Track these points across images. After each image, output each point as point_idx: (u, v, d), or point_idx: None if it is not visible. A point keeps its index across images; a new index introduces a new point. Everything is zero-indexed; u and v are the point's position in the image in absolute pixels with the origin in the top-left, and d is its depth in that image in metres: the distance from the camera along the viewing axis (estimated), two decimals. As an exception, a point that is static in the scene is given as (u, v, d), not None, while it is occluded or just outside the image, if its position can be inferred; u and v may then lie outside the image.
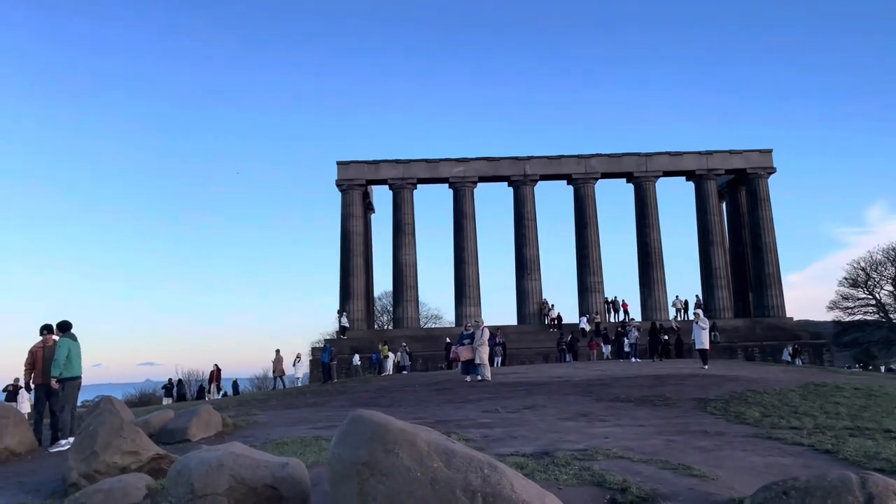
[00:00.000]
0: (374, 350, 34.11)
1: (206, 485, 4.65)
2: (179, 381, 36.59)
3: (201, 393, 35.82)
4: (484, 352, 19.14)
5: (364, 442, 4.01)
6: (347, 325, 40.00)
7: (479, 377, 18.96)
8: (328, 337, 45.01)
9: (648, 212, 43.14)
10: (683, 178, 45.02)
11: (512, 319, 42.63)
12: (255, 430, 11.24)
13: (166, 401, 32.57)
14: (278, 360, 30.90)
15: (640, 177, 43.45)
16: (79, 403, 12.17)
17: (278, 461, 5.02)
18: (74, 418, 10.93)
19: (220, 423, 11.01)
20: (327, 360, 29.16)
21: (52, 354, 10.58)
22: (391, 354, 32.91)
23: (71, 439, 10.74)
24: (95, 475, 7.23)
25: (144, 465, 7.53)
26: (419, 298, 43.83)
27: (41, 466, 9.46)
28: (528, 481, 3.79)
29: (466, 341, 19.74)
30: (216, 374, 34.74)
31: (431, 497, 3.68)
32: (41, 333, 11.09)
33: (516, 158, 43.65)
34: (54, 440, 10.92)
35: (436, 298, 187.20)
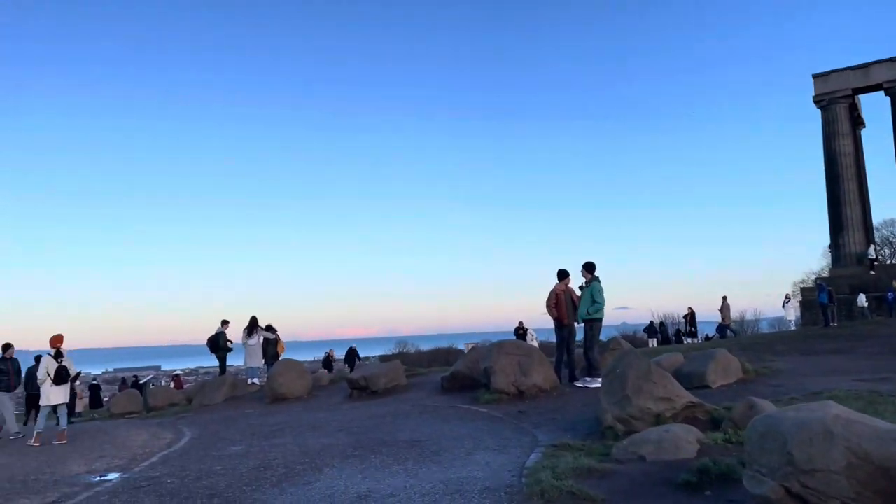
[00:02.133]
0: (887, 288, 28.38)
1: (811, 457, 3.53)
2: (661, 323, 36.79)
3: (679, 335, 35.38)
4: None
5: None
6: (873, 256, 34.08)
7: None
8: (815, 275, 39.64)
9: None
10: None
11: None
12: (780, 378, 9.76)
13: (651, 342, 33.05)
14: (725, 307, 28.14)
15: None
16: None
17: (910, 433, 3.59)
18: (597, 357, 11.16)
19: (739, 370, 9.86)
20: (825, 300, 25.31)
21: (571, 297, 11.10)
22: (911, 293, 26.86)
23: (587, 378, 11.01)
24: (630, 420, 6.86)
25: (678, 414, 6.87)
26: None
27: (566, 404, 9.79)
28: None
29: None
30: (690, 317, 33.86)
31: None
32: (560, 278, 11.58)
33: None
34: (571, 379, 11.37)
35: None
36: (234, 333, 17.48)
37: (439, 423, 9.09)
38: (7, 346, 11.77)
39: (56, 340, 10.65)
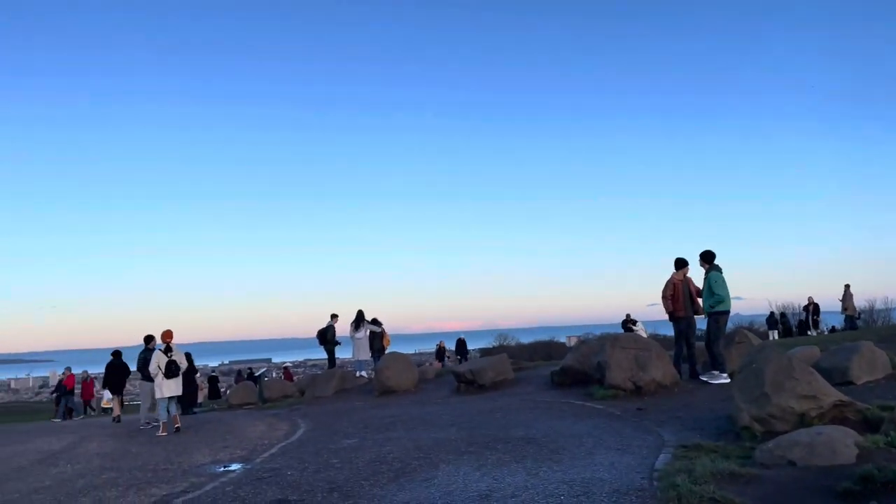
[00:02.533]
0: None
1: None
2: (782, 313, 34.69)
3: (801, 327, 33.21)
4: None
5: None
6: None
7: None
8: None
9: None
10: None
11: None
12: (936, 375, 8.75)
13: (772, 334, 31.21)
14: (848, 297, 25.45)
15: None
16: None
17: None
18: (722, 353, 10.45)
19: (887, 364, 8.94)
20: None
21: (689, 287, 10.45)
22: None
23: (713, 372, 10.33)
24: (769, 419, 6.29)
25: (825, 413, 6.22)
26: None
27: (690, 401, 9.20)
28: None
29: None
30: (814, 307, 31.67)
31: None
32: (678, 267, 10.88)
33: None
34: (692, 374, 10.71)
35: None
36: (342, 327, 17.83)
37: (553, 420, 8.77)
38: (149, 338, 12.44)
39: (166, 335, 11.18)
